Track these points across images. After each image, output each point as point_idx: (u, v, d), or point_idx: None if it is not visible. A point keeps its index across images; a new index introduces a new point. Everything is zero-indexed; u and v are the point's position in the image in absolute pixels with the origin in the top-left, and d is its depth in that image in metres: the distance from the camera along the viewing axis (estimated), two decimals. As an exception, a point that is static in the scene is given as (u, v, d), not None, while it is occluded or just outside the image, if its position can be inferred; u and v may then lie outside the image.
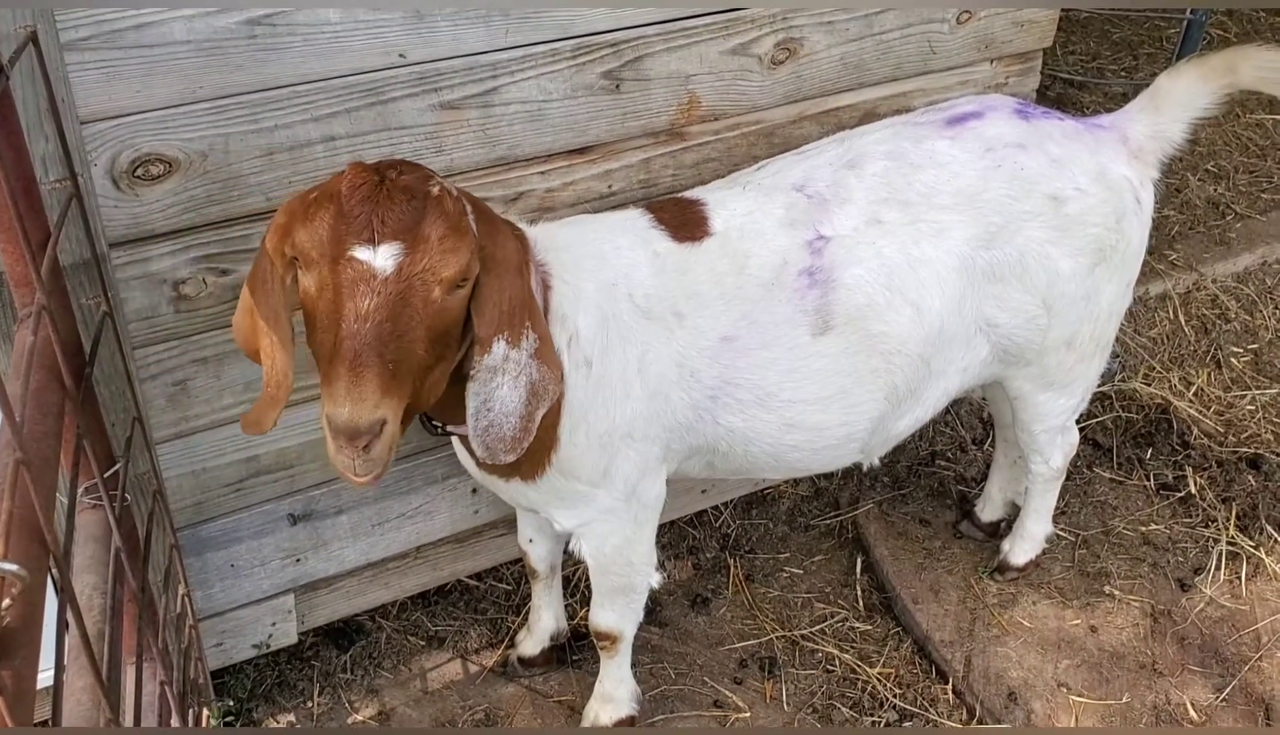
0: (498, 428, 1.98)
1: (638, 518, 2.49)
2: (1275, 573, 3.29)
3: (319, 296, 1.80)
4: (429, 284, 1.79)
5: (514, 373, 1.95)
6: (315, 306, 1.81)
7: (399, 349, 1.77)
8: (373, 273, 1.75)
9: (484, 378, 1.94)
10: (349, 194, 1.77)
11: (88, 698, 1.46)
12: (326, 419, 1.76)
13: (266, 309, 1.90)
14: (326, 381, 1.76)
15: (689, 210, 2.44)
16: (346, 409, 1.73)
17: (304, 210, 1.81)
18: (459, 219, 1.83)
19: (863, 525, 3.48)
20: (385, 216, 1.76)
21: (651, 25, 2.49)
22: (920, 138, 2.53)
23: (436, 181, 1.85)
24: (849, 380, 2.44)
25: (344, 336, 1.74)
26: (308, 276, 1.82)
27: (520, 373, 1.96)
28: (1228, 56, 2.64)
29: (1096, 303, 2.64)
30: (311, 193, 1.85)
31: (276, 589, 2.80)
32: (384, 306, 1.75)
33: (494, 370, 1.94)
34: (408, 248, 1.77)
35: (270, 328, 1.90)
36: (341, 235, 1.76)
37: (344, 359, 1.73)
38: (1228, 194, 4.75)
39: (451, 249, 1.80)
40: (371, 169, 1.82)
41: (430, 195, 1.81)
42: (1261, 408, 3.87)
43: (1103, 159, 2.57)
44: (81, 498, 1.80)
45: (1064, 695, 2.97)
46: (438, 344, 1.86)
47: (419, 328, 1.80)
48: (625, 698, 2.86)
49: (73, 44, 1.92)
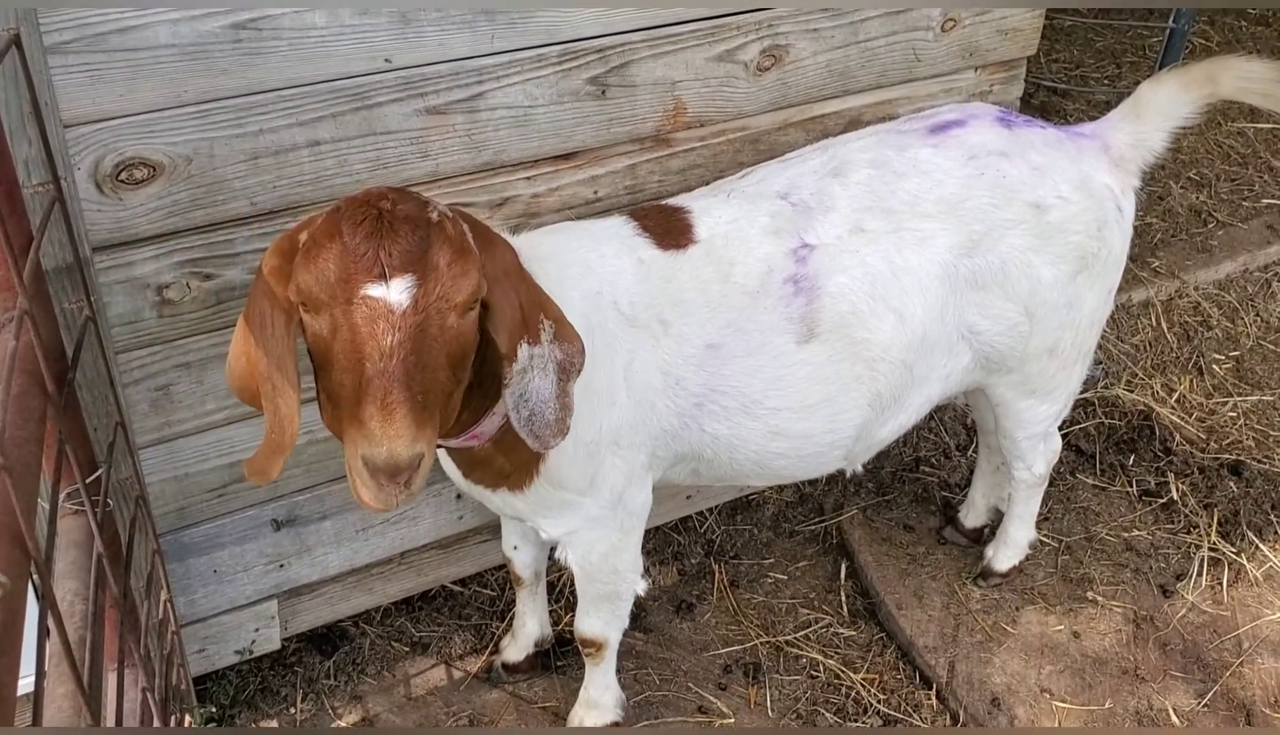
0: (540, 416, 1.98)
1: (624, 525, 2.49)
2: (1256, 579, 3.31)
3: (333, 339, 1.76)
4: (444, 311, 1.77)
5: (541, 364, 1.96)
6: (330, 349, 1.77)
7: (425, 380, 1.75)
8: (390, 308, 1.72)
9: (516, 380, 1.94)
10: (351, 232, 1.74)
11: (69, 704, 1.45)
12: (363, 460, 1.72)
13: (270, 355, 1.85)
14: (356, 422, 1.73)
15: (674, 218, 2.44)
16: (385, 448, 1.70)
17: (304, 253, 1.77)
18: (462, 242, 1.81)
19: (847, 531, 3.48)
20: (392, 250, 1.73)
21: (638, 31, 2.49)
22: (903, 146, 2.54)
23: (433, 207, 1.83)
24: (833, 388, 2.45)
25: (370, 376, 1.71)
26: (318, 320, 1.78)
27: (546, 361, 1.97)
28: (1209, 66, 2.66)
29: (1078, 310, 2.65)
30: (301, 231, 1.82)
31: (259, 595, 2.78)
32: (406, 341, 1.72)
33: (524, 371, 1.95)
34: (420, 279, 1.74)
35: (275, 374, 1.86)
36: (351, 274, 1.72)
37: (374, 398, 1.70)
38: (1210, 202, 4.79)
39: (461, 273, 1.78)
40: (365, 203, 1.78)
41: (432, 223, 1.78)
42: (1243, 414, 3.89)
43: (1085, 167, 2.59)
44: (63, 503, 1.79)
45: (1047, 701, 2.98)
46: (458, 368, 1.85)
47: (440, 356, 1.78)
48: (610, 704, 2.86)
49: (56, 47, 1.91)
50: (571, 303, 2.22)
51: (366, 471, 1.73)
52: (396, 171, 2.36)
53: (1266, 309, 4.34)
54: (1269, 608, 3.23)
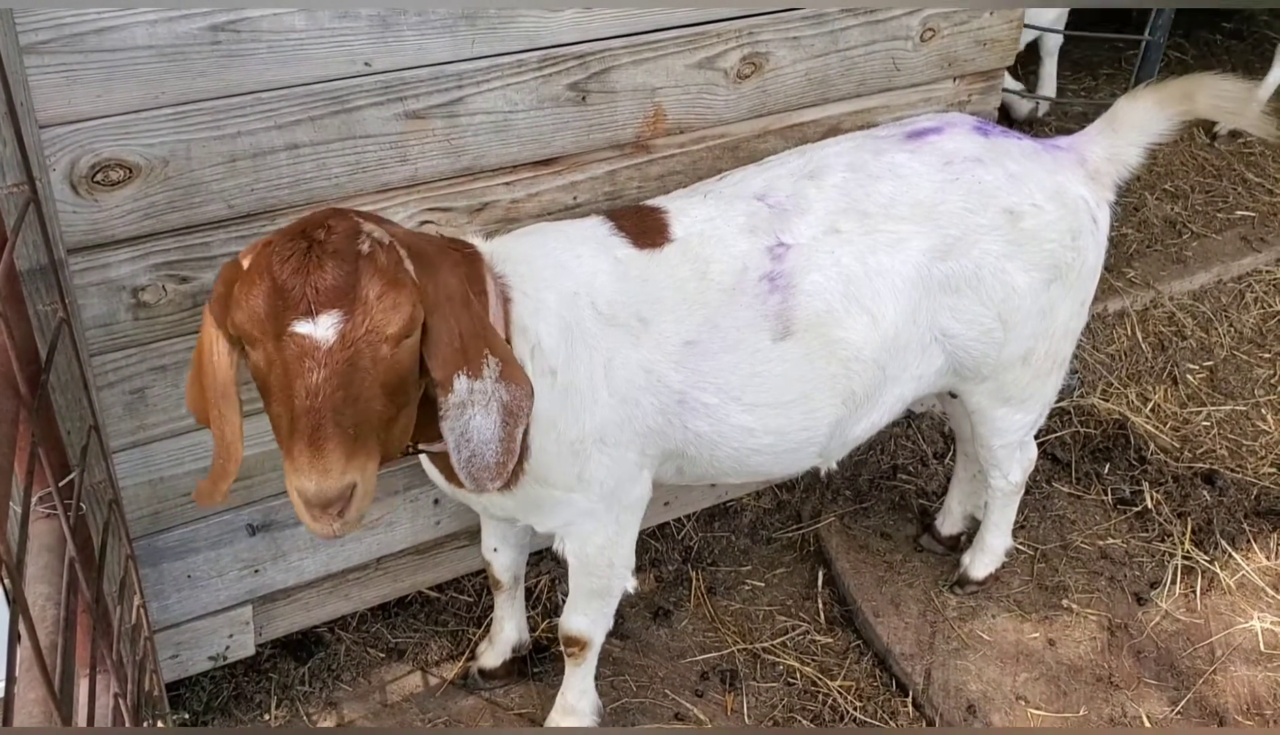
0: (480, 457, 1.96)
1: (619, 519, 2.50)
2: (1229, 587, 3.34)
3: (268, 372, 1.77)
4: (375, 344, 1.77)
5: (483, 401, 1.93)
6: (266, 381, 1.79)
7: (357, 413, 1.75)
8: (316, 345, 1.72)
9: (454, 414, 1.92)
10: (279, 267, 1.74)
11: (39, 710, 1.44)
12: (295, 491, 1.74)
13: (214, 383, 1.88)
14: (288, 455, 1.75)
15: (650, 218, 2.45)
16: (313, 482, 1.72)
17: (239, 287, 1.77)
18: (394, 271, 1.80)
19: (824, 538, 3.49)
20: (319, 285, 1.73)
21: (618, 38, 2.49)
22: (880, 150, 2.56)
23: (366, 235, 1.80)
24: (809, 385, 2.46)
25: (299, 412, 1.72)
26: (254, 353, 1.79)
27: (490, 399, 1.94)
28: (1185, 84, 2.69)
29: (1052, 319, 2.67)
30: (245, 256, 1.81)
31: (234, 600, 2.77)
32: (333, 377, 1.73)
33: (462, 405, 1.92)
34: (347, 313, 1.74)
35: (220, 400, 1.88)
36: (279, 311, 1.73)
37: (302, 433, 1.72)
38: (1185, 213, 4.83)
39: (392, 305, 1.77)
40: (298, 234, 1.78)
41: (361, 254, 1.77)
42: (1217, 424, 3.92)
43: (1060, 178, 2.61)
44: (35, 507, 1.77)
45: (1022, 708, 2.99)
46: (397, 395, 1.85)
47: (373, 387, 1.78)
48: (587, 710, 2.85)
49: (32, 47, 1.90)
50: (547, 304, 2.23)
51: (300, 503, 1.76)
52: (375, 175, 2.36)
53: (1240, 319, 4.38)
54: (1242, 616, 3.25)
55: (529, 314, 2.21)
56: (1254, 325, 4.37)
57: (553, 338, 2.23)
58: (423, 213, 2.47)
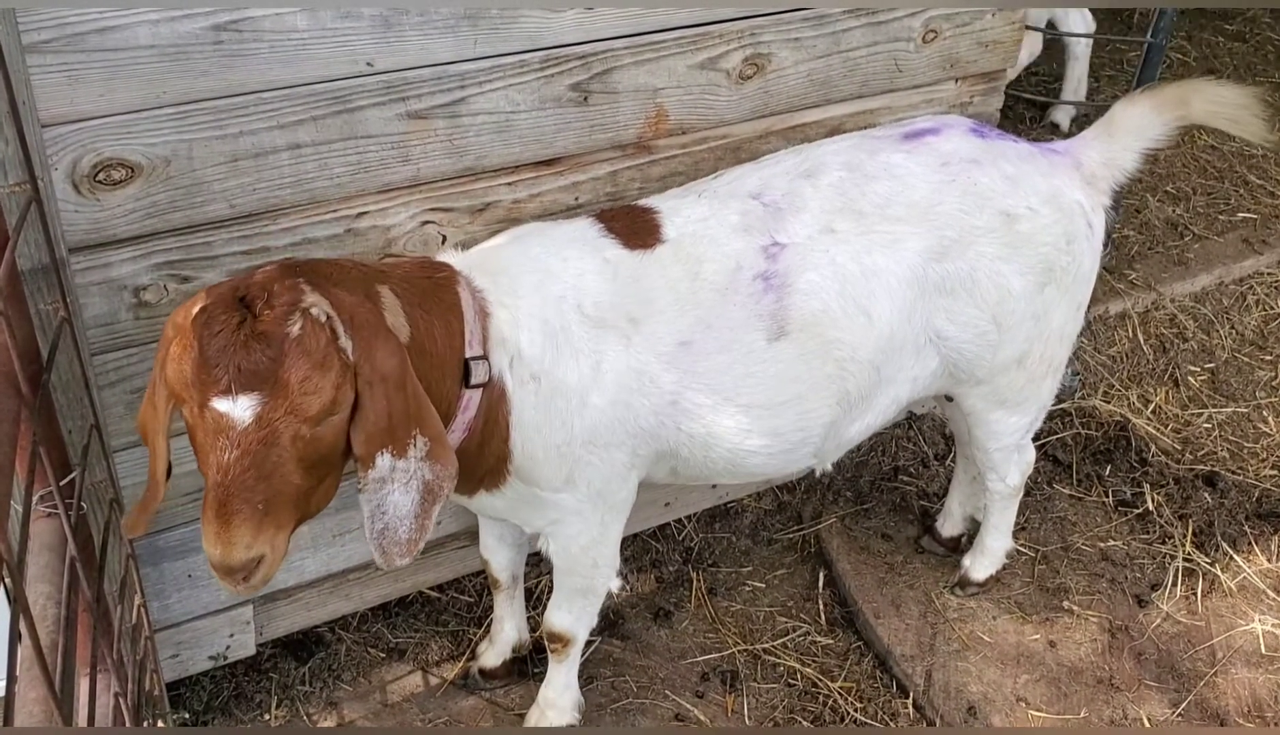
0: (393, 531, 1.95)
1: (604, 519, 2.49)
2: (1230, 589, 3.34)
3: (193, 433, 1.79)
4: (294, 425, 1.77)
5: (404, 479, 1.93)
6: (194, 439, 1.80)
7: (269, 489, 1.76)
8: (232, 423, 1.73)
9: (373, 488, 1.91)
10: (207, 339, 1.73)
11: (40, 709, 1.44)
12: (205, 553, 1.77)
13: (149, 422, 1.89)
14: (202, 516, 1.76)
15: (641, 218, 2.45)
16: (218, 551, 1.74)
17: (175, 345, 1.77)
18: (324, 355, 1.78)
19: (825, 540, 3.49)
20: (241, 365, 1.72)
21: (620, 38, 2.49)
22: (876, 150, 2.56)
23: (300, 313, 1.78)
24: (803, 386, 2.46)
25: (210, 485, 1.74)
26: (184, 409, 1.80)
27: (411, 478, 1.94)
28: (1181, 89, 2.69)
29: (1047, 323, 2.67)
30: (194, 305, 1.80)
31: (234, 600, 2.76)
32: (245, 456, 1.73)
33: (382, 480, 1.91)
34: (265, 396, 1.73)
35: (155, 438, 1.90)
36: (203, 382, 1.73)
37: (212, 504, 1.74)
38: (1186, 215, 4.83)
39: (313, 389, 1.76)
40: (237, 301, 1.77)
41: (289, 337, 1.75)
42: (1218, 426, 3.92)
43: (1056, 182, 2.61)
44: (36, 506, 1.77)
45: (1023, 709, 2.99)
46: (317, 469, 1.84)
47: (288, 464, 1.78)
48: (568, 706, 2.86)
49: (34, 46, 1.90)
50: (527, 312, 2.24)
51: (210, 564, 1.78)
52: (377, 175, 2.36)
53: (1241, 321, 4.38)
54: (1243, 618, 3.25)
55: (508, 325, 2.21)
56: (1255, 327, 4.37)
57: (535, 345, 2.23)
58: (425, 213, 2.47)
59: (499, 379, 2.20)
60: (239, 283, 1.82)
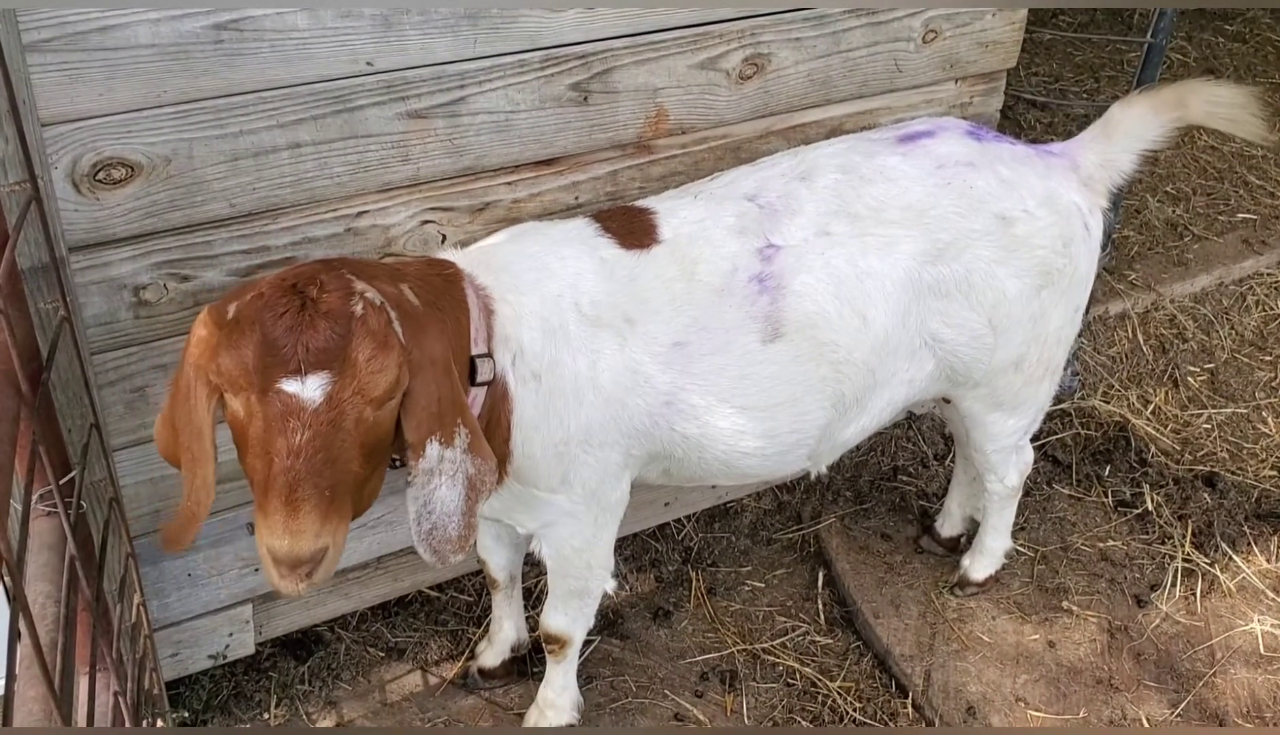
0: (442, 529, 1.94)
1: (598, 520, 2.49)
2: (1230, 590, 3.34)
3: (249, 423, 1.75)
4: (360, 406, 1.76)
5: (450, 471, 1.92)
6: (245, 432, 1.76)
7: (335, 474, 1.74)
8: (302, 405, 1.71)
9: (421, 481, 1.91)
10: (272, 322, 1.72)
11: (39, 708, 1.44)
12: (265, 548, 1.73)
13: (189, 426, 1.84)
14: (262, 511, 1.72)
15: (638, 218, 2.45)
16: (286, 542, 1.70)
17: (227, 333, 1.75)
18: (385, 335, 1.79)
19: (825, 539, 3.49)
20: (310, 344, 1.71)
21: (620, 38, 2.49)
22: (872, 153, 2.56)
23: (359, 296, 1.79)
24: (798, 388, 2.46)
25: (277, 471, 1.70)
26: (235, 401, 1.77)
27: (457, 470, 1.93)
28: (1179, 90, 2.69)
29: (1043, 326, 2.66)
30: (231, 303, 1.80)
31: (234, 599, 2.77)
32: (317, 438, 1.71)
33: (431, 472, 1.90)
34: (335, 374, 1.73)
35: (194, 443, 1.84)
36: (268, 365, 1.71)
37: (279, 492, 1.70)
38: (1186, 216, 4.83)
39: (380, 368, 1.76)
40: (291, 288, 1.76)
41: (354, 316, 1.76)
42: (1217, 427, 3.92)
43: (1052, 184, 2.60)
44: (36, 504, 1.77)
45: (1022, 709, 2.99)
46: (374, 457, 1.84)
47: (353, 449, 1.77)
48: (567, 705, 2.86)
49: (35, 45, 1.90)
50: (529, 309, 2.23)
51: (270, 560, 1.74)
52: (377, 175, 2.36)
53: (1241, 322, 4.38)
54: (1242, 618, 3.25)
55: (511, 322, 2.21)
56: (1255, 328, 4.37)
57: (536, 343, 2.23)
58: (424, 212, 2.47)
59: (502, 377, 2.19)
60: (284, 274, 1.81)
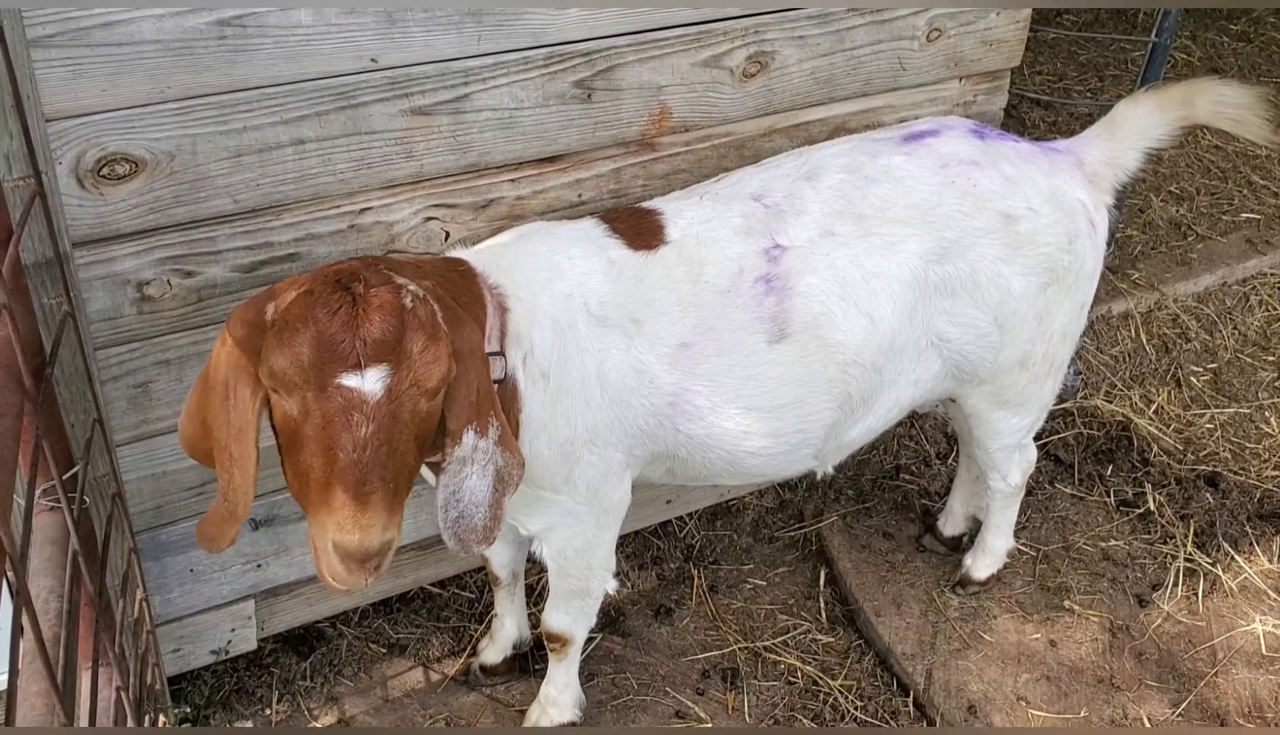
0: (468, 518, 1.96)
1: (599, 521, 2.49)
2: (1231, 590, 3.34)
3: (304, 422, 1.75)
4: (416, 397, 1.77)
5: (482, 462, 1.94)
6: (299, 431, 1.76)
7: (396, 465, 1.75)
8: (364, 398, 1.71)
9: (454, 469, 1.92)
10: (327, 318, 1.72)
11: (42, 702, 1.44)
12: (333, 545, 1.72)
13: (229, 426, 1.83)
14: (327, 507, 1.72)
15: (645, 219, 2.45)
16: (358, 537, 1.71)
17: (276, 333, 1.74)
18: (434, 326, 1.80)
19: (826, 538, 3.49)
20: (368, 338, 1.72)
21: (623, 35, 2.49)
22: (876, 152, 2.56)
23: (407, 291, 1.80)
24: (804, 388, 2.45)
25: (343, 465, 1.70)
26: (288, 401, 1.76)
27: (488, 461, 1.95)
28: (1185, 89, 2.68)
29: (1049, 324, 2.66)
30: (268, 302, 1.79)
31: (236, 594, 2.77)
32: (380, 431, 1.72)
33: (464, 460, 1.92)
34: (394, 367, 1.74)
35: (234, 443, 1.83)
36: (325, 361, 1.71)
37: (347, 486, 1.70)
38: (1189, 215, 4.82)
39: (433, 359, 1.77)
40: (338, 284, 1.76)
41: (405, 309, 1.77)
42: (1220, 427, 3.92)
43: (1057, 181, 2.60)
44: (39, 499, 1.77)
45: (1023, 709, 2.99)
46: (424, 447, 1.85)
47: (410, 440, 1.78)
48: (569, 703, 2.86)
49: (39, 41, 1.90)
50: (540, 308, 2.23)
51: (337, 556, 1.74)
52: (381, 171, 2.36)
53: (1244, 322, 4.38)
54: (1243, 619, 3.25)
55: (524, 320, 2.21)
56: (1258, 328, 4.36)
57: (546, 342, 2.23)
58: (428, 209, 2.47)
59: (512, 376, 2.19)
60: (324, 272, 1.81)
